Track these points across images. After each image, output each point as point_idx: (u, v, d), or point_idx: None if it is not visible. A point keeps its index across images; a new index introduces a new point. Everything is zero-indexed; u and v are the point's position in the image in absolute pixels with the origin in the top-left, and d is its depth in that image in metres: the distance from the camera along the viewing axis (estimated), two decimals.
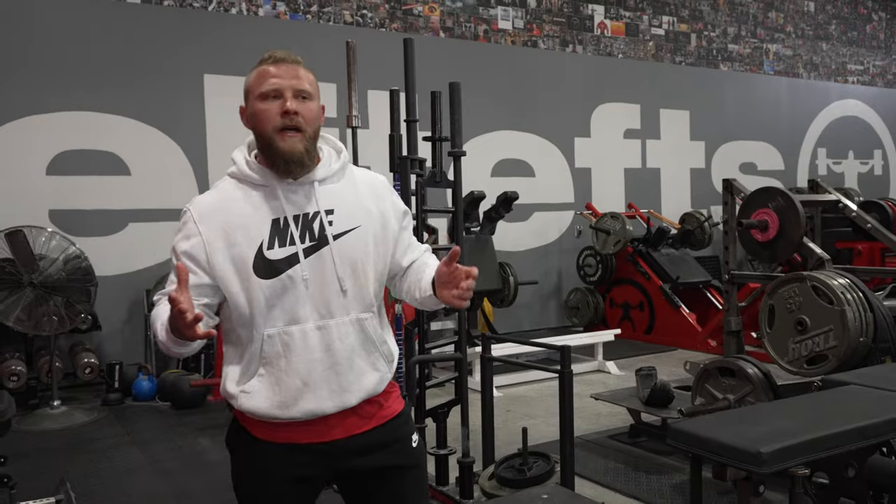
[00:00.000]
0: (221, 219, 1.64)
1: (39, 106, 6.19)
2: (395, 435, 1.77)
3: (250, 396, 1.65)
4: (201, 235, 1.63)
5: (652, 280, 7.79)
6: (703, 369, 3.88)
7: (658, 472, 3.89)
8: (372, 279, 1.71)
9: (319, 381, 1.65)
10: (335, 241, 1.66)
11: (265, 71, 1.64)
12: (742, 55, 10.64)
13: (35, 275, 5.12)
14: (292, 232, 1.64)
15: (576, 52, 9.12)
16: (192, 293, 1.55)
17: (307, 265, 1.63)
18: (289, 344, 1.63)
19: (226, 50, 6.93)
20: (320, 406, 1.65)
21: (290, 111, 1.61)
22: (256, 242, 1.62)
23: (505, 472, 3.51)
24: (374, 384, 1.72)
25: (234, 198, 1.67)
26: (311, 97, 1.66)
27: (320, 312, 1.65)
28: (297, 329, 1.63)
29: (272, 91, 1.62)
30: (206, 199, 1.70)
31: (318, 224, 1.66)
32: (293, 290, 1.62)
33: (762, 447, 1.81)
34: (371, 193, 1.76)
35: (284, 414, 1.65)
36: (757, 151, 10.66)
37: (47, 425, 5.14)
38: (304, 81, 1.65)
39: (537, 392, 5.77)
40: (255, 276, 1.61)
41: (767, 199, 3.68)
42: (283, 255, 1.62)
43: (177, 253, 1.64)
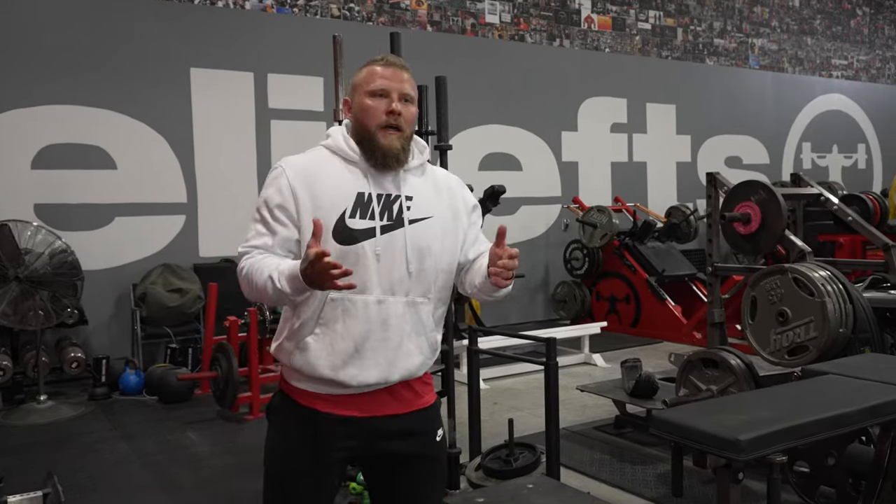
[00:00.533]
0: (311, 179, 1.75)
1: (24, 99, 6.15)
2: (426, 426, 1.87)
3: (303, 353, 1.75)
4: (293, 190, 1.73)
5: (638, 273, 7.85)
6: (687, 361, 3.93)
7: (642, 463, 3.95)
8: (436, 268, 1.81)
9: (369, 351, 1.74)
10: (410, 225, 1.77)
11: (375, 71, 1.78)
12: (728, 49, 10.71)
13: (21, 269, 5.11)
14: (374, 208, 1.75)
15: (563, 46, 9.15)
16: (281, 248, 1.73)
17: (381, 241, 1.73)
18: (349, 310, 1.72)
19: (212, 43, 6.91)
20: (365, 374, 1.74)
21: (395, 111, 1.75)
22: (340, 209, 1.72)
23: (491, 462, 3.55)
24: (416, 366, 1.81)
25: (327, 164, 1.79)
26: (413, 101, 1.80)
27: (383, 288, 1.74)
28: (360, 298, 1.73)
29: (380, 90, 1.76)
30: (297, 158, 1.81)
31: (398, 207, 1.77)
32: (364, 260, 1.72)
33: (741, 435, 1.85)
34: (446, 189, 1.88)
35: (332, 374, 1.73)
36: (742, 145, 10.74)
37: (34, 420, 5.13)
38: (409, 86, 1.79)
39: (524, 384, 5.82)
40: (333, 240, 1.71)
41: (750, 193, 3.73)
42: (361, 227, 1.73)
43: (269, 205, 1.74)
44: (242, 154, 7.03)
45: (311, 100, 7.23)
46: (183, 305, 6.19)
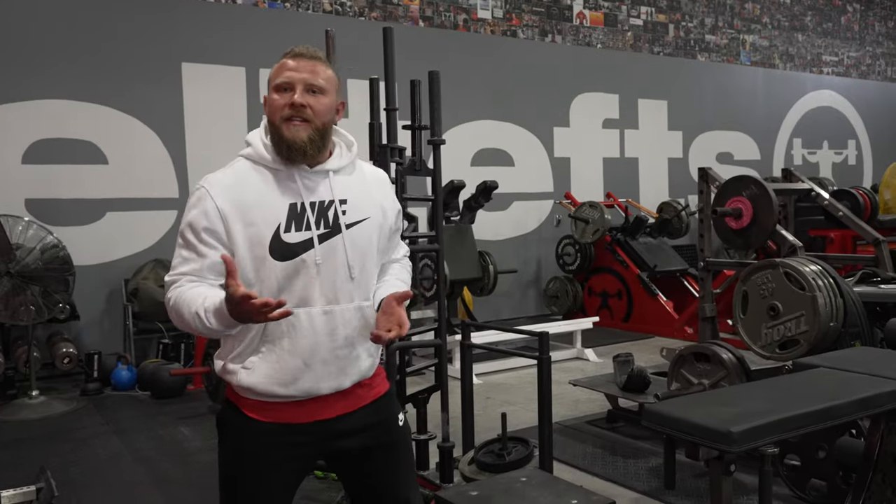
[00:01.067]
0: (238, 196, 1.68)
1: (14, 94, 6.12)
2: (382, 414, 1.85)
3: (250, 373, 1.70)
4: (219, 211, 1.66)
5: (630, 268, 7.88)
6: (679, 355, 3.96)
7: (634, 456, 3.96)
8: (373, 268, 1.81)
9: (319, 363, 1.71)
10: (347, 230, 1.74)
11: (283, 64, 1.73)
12: (719, 46, 10.74)
13: (12, 264, 5.08)
14: (308, 217, 1.70)
15: (555, 41, 9.15)
16: (212, 273, 1.66)
17: (320, 251, 1.70)
18: (294, 325, 1.69)
19: (204, 38, 6.88)
20: (317, 385, 1.72)
21: (296, 104, 1.68)
22: (274, 224, 1.67)
23: (484, 457, 3.56)
24: (368, 368, 1.81)
25: (251, 177, 1.72)
26: (323, 92, 1.72)
27: (327, 297, 1.71)
28: (304, 312, 1.69)
29: (285, 83, 1.70)
30: (220, 176, 1.73)
31: (333, 212, 1.73)
32: (305, 273, 1.69)
33: (733, 427, 1.86)
34: (377, 187, 1.86)
35: (283, 391, 1.70)
36: (733, 141, 10.78)
37: (26, 415, 5.11)
38: (319, 76, 1.71)
39: (517, 379, 5.83)
40: (271, 258, 1.67)
41: (741, 188, 3.75)
42: (298, 240, 1.69)
43: (195, 229, 1.66)
44: (234, 149, 6.81)
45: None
46: None
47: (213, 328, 1.60)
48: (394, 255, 1.94)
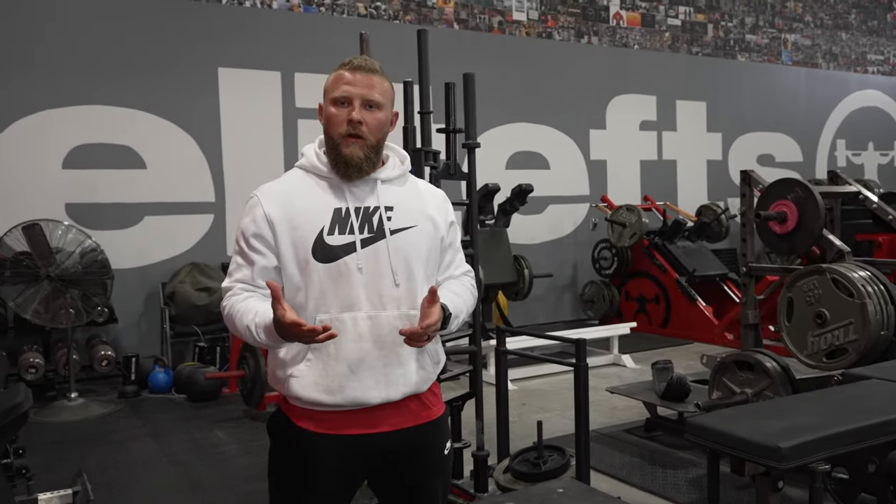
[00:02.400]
0: (286, 203, 1.72)
1: (55, 100, 6.22)
2: (434, 439, 1.82)
3: (298, 380, 1.70)
4: (267, 217, 1.71)
5: (668, 273, 7.74)
6: (720, 363, 3.85)
7: (674, 467, 3.87)
8: (422, 278, 1.77)
9: (366, 370, 1.69)
10: (392, 235, 1.73)
11: (341, 76, 1.73)
12: (760, 45, 10.52)
13: (52, 268, 5.15)
14: (352, 222, 1.71)
15: (591, 43, 9.05)
16: (262, 278, 1.69)
17: (363, 255, 1.70)
18: (339, 330, 1.66)
19: (240, 43, 6.93)
20: (365, 395, 1.70)
21: (354, 121, 1.69)
22: (318, 227, 1.70)
23: (520, 465, 3.49)
24: (419, 381, 1.77)
25: (301, 186, 1.76)
26: (380, 107, 1.73)
27: (373, 303, 1.70)
28: (349, 316, 1.68)
29: (342, 98, 1.71)
30: (272, 185, 1.79)
31: (378, 218, 1.74)
32: (348, 277, 1.69)
33: (781, 442, 1.78)
34: (431, 201, 1.84)
35: (329, 399, 1.69)
36: (775, 143, 10.55)
37: (65, 417, 5.17)
38: (376, 91, 1.72)
39: (552, 385, 5.75)
40: (314, 260, 1.68)
41: (786, 191, 3.63)
42: (341, 242, 1.70)
43: (245, 236, 1.72)
44: (270, 153, 7.05)
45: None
46: (211, 304, 6.21)
47: (262, 342, 1.64)
48: (453, 272, 1.90)
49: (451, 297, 1.79)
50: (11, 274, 5.18)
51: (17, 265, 5.16)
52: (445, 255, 1.86)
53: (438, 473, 1.85)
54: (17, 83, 6.07)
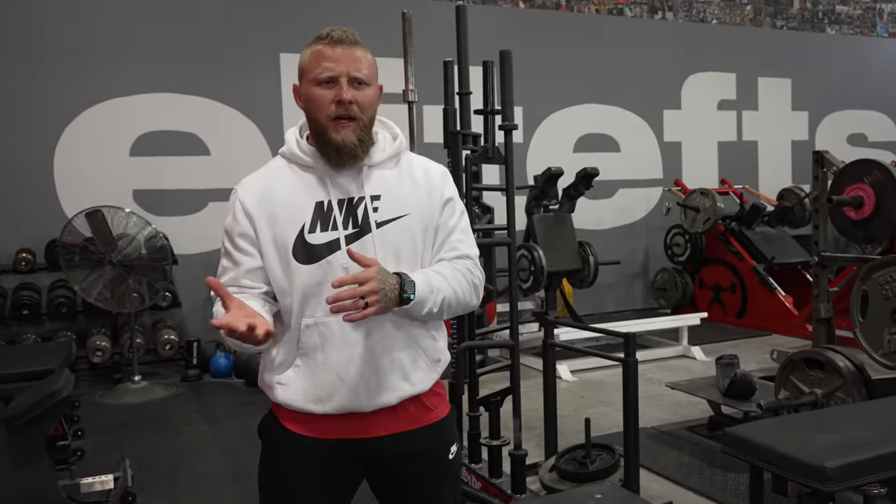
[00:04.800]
0: (266, 198, 1.59)
1: (123, 89, 6.35)
2: (436, 442, 1.68)
3: (286, 388, 1.59)
4: (246, 213, 1.59)
5: (745, 260, 7.34)
6: (788, 360, 3.56)
7: (736, 470, 3.60)
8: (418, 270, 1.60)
9: (356, 377, 1.56)
10: (378, 228, 1.57)
11: (321, 53, 1.56)
12: (852, 17, 9.83)
13: (114, 253, 5.25)
14: (335, 216, 1.57)
15: (665, 19, 8.64)
16: (249, 279, 1.57)
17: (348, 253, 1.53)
18: (326, 335, 1.55)
19: (302, 28, 6.87)
20: (356, 403, 1.58)
21: (344, 101, 1.54)
22: (298, 225, 1.56)
23: (566, 464, 3.33)
24: (417, 384, 1.62)
25: (282, 177, 1.62)
26: (367, 82, 1.57)
27: None
28: (335, 321, 1.53)
29: (327, 77, 1.54)
30: (253, 179, 1.65)
31: (363, 210, 1.58)
32: (332, 278, 1.50)
33: (828, 461, 1.57)
34: (426, 181, 1.66)
35: (318, 409, 1.58)
36: (868, 121, 9.86)
37: (128, 399, 5.29)
38: (362, 66, 1.56)
39: (614, 377, 5.48)
40: (295, 261, 1.55)
41: (863, 173, 3.30)
42: (324, 241, 1.56)
43: (230, 236, 1.61)
44: None
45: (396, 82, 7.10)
46: None
47: (236, 347, 1.50)
48: (444, 255, 1.65)
49: (427, 273, 1.57)
50: (80, 259, 5.32)
51: (84, 251, 5.29)
52: (437, 236, 1.65)
53: (442, 479, 1.70)
54: (87, 73, 6.22)
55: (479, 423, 3.21)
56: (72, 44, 6.18)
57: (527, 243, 6.32)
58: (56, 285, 5.95)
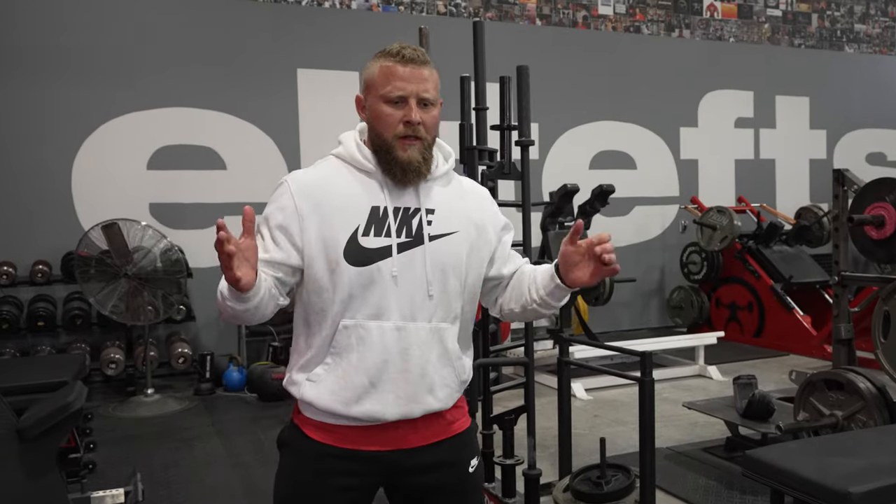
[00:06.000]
0: (319, 196, 1.58)
1: (140, 103, 6.40)
2: (457, 456, 1.68)
3: (314, 385, 1.58)
4: (297, 208, 1.57)
5: (762, 279, 7.26)
6: (808, 381, 3.50)
7: (754, 493, 3.54)
8: (460, 289, 1.63)
9: (387, 384, 1.56)
10: (430, 241, 1.59)
11: (391, 71, 1.56)
12: (870, 36, 9.78)
13: (130, 266, 5.27)
14: (390, 223, 1.57)
15: (682, 36, 8.62)
16: (270, 269, 1.55)
17: (398, 261, 1.56)
18: (364, 339, 1.55)
19: (319, 44, 6.95)
20: (383, 410, 1.57)
21: (413, 122, 1.55)
22: (352, 226, 1.56)
23: (581, 484, 3.28)
24: (442, 400, 1.63)
25: (337, 177, 1.62)
26: (434, 103, 1.60)
27: (403, 313, 1.56)
28: (376, 325, 1.55)
29: (397, 97, 1.56)
30: (305, 173, 1.65)
31: (418, 221, 1.59)
32: (380, 283, 1.55)
33: (852, 486, 1.53)
34: (475, 202, 1.71)
35: (345, 411, 1.57)
36: (887, 140, 9.77)
37: (141, 412, 5.29)
38: (430, 86, 1.58)
39: (629, 396, 5.44)
40: (345, 262, 1.54)
41: (885, 192, 3.26)
42: (376, 245, 1.56)
43: (269, 224, 1.59)
44: None
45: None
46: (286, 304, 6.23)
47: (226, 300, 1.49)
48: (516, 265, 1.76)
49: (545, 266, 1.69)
50: (96, 272, 5.34)
51: (101, 263, 5.32)
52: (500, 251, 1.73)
53: (463, 493, 1.69)
54: (105, 87, 6.29)
55: (492, 441, 3.18)
56: (91, 58, 6.25)
57: (542, 260, 6.31)
58: (71, 297, 5.98)
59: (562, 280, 1.60)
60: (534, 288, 1.67)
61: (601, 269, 1.54)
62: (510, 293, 1.75)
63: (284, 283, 1.59)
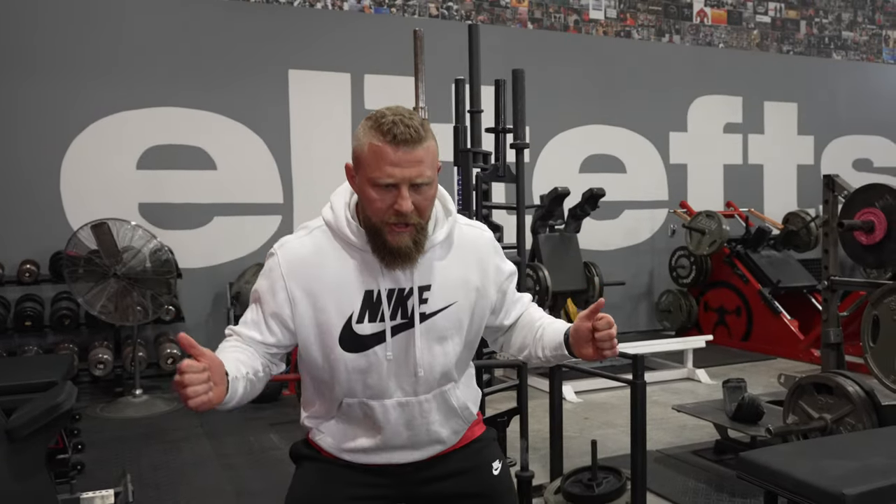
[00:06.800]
0: (311, 278, 1.54)
1: (130, 102, 6.37)
2: (473, 461, 1.69)
3: (325, 437, 1.64)
4: (288, 294, 1.53)
5: (750, 283, 7.31)
6: (797, 384, 3.53)
7: (742, 496, 3.56)
8: (459, 351, 1.63)
9: (395, 443, 1.62)
10: (423, 322, 1.56)
11: (381, 154, 1.44)
12: (858, 43, 9.88)
13: (119, 266, 5.24)
14: (383, 308, 1.54)
15: (672, 42, 8.68)
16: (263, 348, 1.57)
17: (393, 344, 1.55)
18: (368, 413, 1.59)
19: (310, 45, 6.94)
20: (391, 459, 1.63)
21: (403, 212, 1.45)
22: (346, 314, 1.53)
23: (572, 486, 3.29)
24: (451, 442, 1.68)
25: (328, 255, 1.55)
26: (430, 183, 1.49)
27: (404, 389, 1.59)
28: (378, 404, 1.58)
29: (386, 184, 1.45)
30: (296, 248, 1.57)
31: (412, 302, 1.56)
32: (377, 367, 1.56)
33: (846, 488, 1.54)
34: (475, 260, 1.63)
35: (355, 461, 1.63)
36: (873, 147, 9.87)
37: (129, 413, 5.26)
38: (425, 168, 1.46)
39: (619, 399, 5.47)
40: (340, 349, 1.53)
41: (874, 198, 3.29)
42: (371, 332, 1.55)
43: (263, 308, 1.56)
44: (339, 155, 7.01)
45: (407, 100, 7.12)
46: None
47: None
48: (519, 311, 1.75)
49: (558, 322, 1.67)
50: (84, 272, 5.31)
51: (89, 263, 5.28)
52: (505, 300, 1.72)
53: (488, 497, 1.69)
54: (95, 85, 6.25)
55: None
56: (81, 56, 6.21)
57: (532, 263, 6.32)
58: (59, 297, 5.94)
59: (569, 350, 1.59)
60: (539, 346, 1.66)
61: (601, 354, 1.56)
62: (514, 340, 1.75)
63: (278, 355, 1.61)
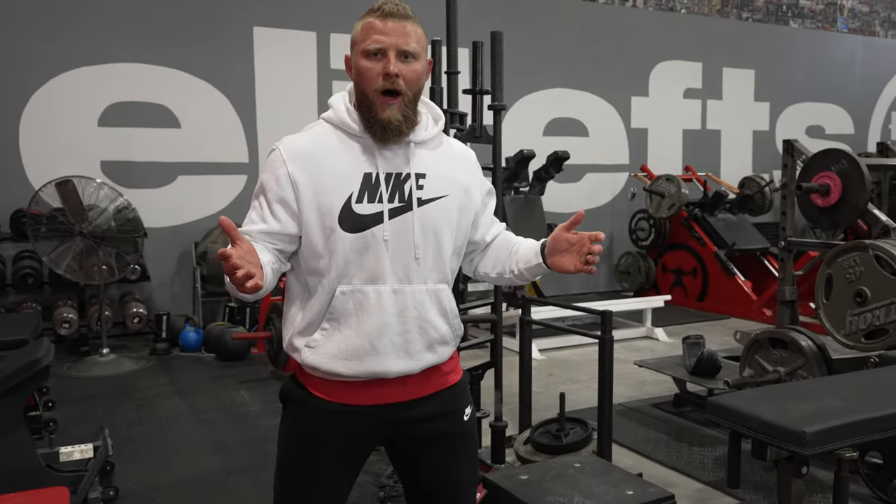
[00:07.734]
0: (312, 162, 1.60)
1: (91, 57, 6.23)
2: (452, 405, 1.75)
3: (314, 351, 1.63)
4: (290, 176, 1.59)
5: (706, 246, 7.55)
6: (754, 339, 3.72)
7: (701, 444, 3.77)
8: (451, 251, 1.69)
9: (387, 346, 1.62)
10: (420, 207, 1.62)
11: (371, 26, 1.58)
12: (814, 11, 10.09)
13: (84, 224, 5.19)
14: (381, 189, 1.60)
15: (636, 6, 8.76)
16: (270, 240, 1.59)
17: (390, 226, 1.60)
18: (362, 304, 1.60)
19: (276, 2, 6.84)
20: (385, 368, 1.63)
21: (390, 74, 1.56)
22: (346, 194, 1.58)
23: (541, 437, 3.44)
24: (441, 355, 1.69)
25: (328, 143, 1.63)
26: (416, 57, 1.59)
27: (398, 276, 1.61)
28: (373, 289, 1.60)
29: (375, 49, 1.57)
30: (297, 140, 1.65)
31: (409, 186, 1.62)
32: (375, 248, 1.59)
33: (807, 426, 1.68)
34: (464, 165, 1.74)
35: (348, 371, 1.62)
36: (825, 114, 10.17)
37: (96, 372, 5.26)
38: (411, 39, 1.58)
39: (582, 356, 5.66)
40: (340, 229, 1.58)
41: (830, 162, 3.45)
42: (369, 212, 1.59)
43: (267, 196, 1.61)
44: (304, 115, 6.96)
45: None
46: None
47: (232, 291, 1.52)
48: (497, 231, 1.83)
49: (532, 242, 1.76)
50: (47, 230, 5.24)
51: (52, 221, 5.22)
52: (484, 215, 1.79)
53: (457, 439, 1.76)
54: (55, 40, 6.10)
55: None
56: (41, 10, 6.04)
57: None
58: (21, 256, 5.86)
59: (544, 260, 1.68)
60: (514, 259, 1.75)
61: (583, 266, 1.63)
62: (489, 258, 1.82)
63: (284, 252, 1.63)
